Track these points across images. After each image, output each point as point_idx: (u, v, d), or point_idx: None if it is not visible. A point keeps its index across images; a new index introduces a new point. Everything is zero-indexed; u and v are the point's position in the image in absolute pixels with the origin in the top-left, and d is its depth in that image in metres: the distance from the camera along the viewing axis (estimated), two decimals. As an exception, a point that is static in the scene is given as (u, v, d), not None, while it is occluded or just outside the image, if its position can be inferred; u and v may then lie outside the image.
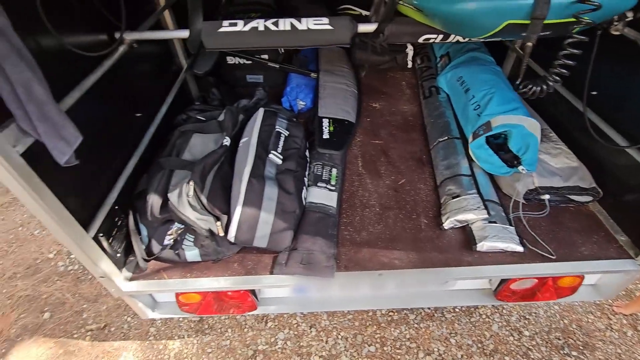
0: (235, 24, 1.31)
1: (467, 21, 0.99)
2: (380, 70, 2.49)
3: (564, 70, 0.98)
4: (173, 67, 1.98)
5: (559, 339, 1.76)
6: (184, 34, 1.33)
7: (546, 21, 0.93)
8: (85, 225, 1.12)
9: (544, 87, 1.00)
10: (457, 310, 1.89)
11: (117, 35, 1.36)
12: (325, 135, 1.81)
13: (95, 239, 1.14)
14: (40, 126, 0.89)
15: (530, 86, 1.01)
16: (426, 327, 1.81)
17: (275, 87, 2.28)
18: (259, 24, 1.32)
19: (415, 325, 1.81)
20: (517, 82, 1.04)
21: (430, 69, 2.29)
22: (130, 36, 1.38)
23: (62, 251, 2.25)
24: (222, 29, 1.30)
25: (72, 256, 2.22)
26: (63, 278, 2.10)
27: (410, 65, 2.48)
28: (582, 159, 1.55)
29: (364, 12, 2.65)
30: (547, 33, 0.98)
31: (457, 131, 1.78)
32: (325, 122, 1.89)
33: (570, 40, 0.96)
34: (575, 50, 0.96)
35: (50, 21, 0.99)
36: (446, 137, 1.76)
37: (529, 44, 0.96)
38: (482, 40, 1.14)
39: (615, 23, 1.16)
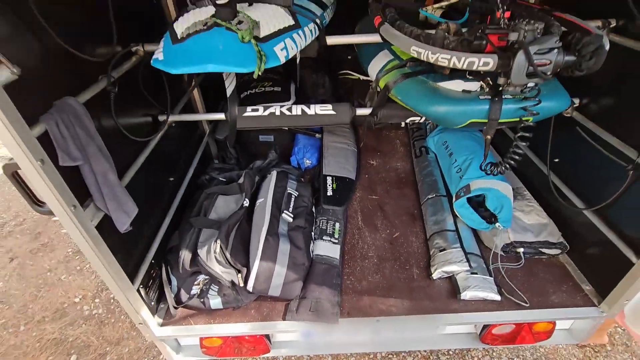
0: (256, 109, 1.62)
1: (440, 118, 1.28)
2: (376, 129, 2.80)
3: (517, 157, 1.25)
4: (197, 132, 2.29)
5: (546, 382, 1.91)
6: (220, 116, 1.63)
7: (500, 120, 1.23)
8: (132, 278, 1.35)
9: (503, 168, 1.27)
10: (450, 352, 2.04)
11: (160, 118, 1.67)
12: (329, 193, 2.07)
13: (138, 290, 1.37)
14: (110, 204, 1.16)
15: (491, 168, 1.29)
16: (422, 369, 1.96)
17: (284, 145, 2.59)
18: (276, 109, 1.62)
19: (413, 368, 1.96)
20: (481, 163, 1.31)
21: (420, 130, 2.60)
22: (172, 118, 1.69)
23: (87, 295, 2.45)
24: (245, 114, 1.61)
25: (96, 300, 2.41)
26: (88, 322, 2.27)
27: (403, 124, 2.80)
28: (551, 216, 1.79)
29: (362, 77, 3.03)
30: (502, 127, 1.27)
31: (443, 189, 2.04)
32: (329, 180, 2.16)
33: (518, 134, 1.24)
34: (522, 145, 1.23)
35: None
36: (434, 195, 2.02)
37: (488, 137, 1.24)
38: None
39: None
